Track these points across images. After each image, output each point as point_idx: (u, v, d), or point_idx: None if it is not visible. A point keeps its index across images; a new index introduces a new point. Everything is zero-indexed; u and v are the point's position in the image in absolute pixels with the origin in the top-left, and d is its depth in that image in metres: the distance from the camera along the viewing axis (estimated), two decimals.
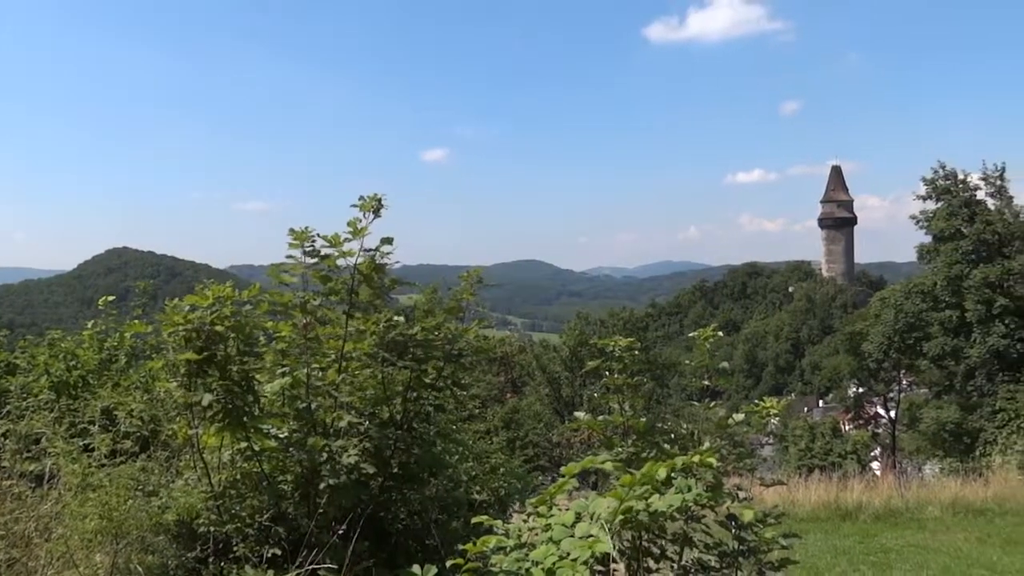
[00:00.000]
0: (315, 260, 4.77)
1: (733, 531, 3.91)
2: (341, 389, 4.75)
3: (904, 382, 43.88)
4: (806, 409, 77.21)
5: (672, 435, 4.60)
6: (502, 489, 6.56)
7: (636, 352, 4.79)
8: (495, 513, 5.73)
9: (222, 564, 4.20)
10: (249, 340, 4.49)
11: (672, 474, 3.00)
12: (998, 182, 33.37)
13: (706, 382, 5.06)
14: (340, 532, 4.22)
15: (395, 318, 4.70)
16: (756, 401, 4.72)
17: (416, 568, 3.14)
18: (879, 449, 43.09)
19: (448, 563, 3.15)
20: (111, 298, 8.15)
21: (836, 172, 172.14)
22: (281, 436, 4.61)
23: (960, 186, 33.83)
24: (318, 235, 4.74)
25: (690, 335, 5.01)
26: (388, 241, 4.81)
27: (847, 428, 48.46)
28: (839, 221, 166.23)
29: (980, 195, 33.68)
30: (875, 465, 38.34)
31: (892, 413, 44.46)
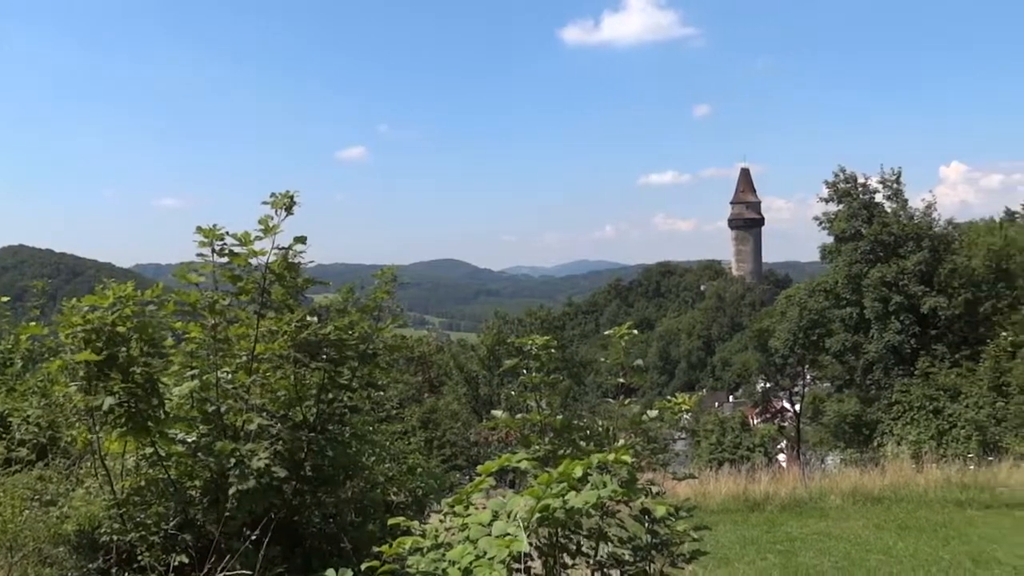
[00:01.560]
0: (225, 259, 4.63)
1: (647, 525, 3.98)
2: (252, 391, 4.63)
3: (808, 377, 45.52)
4: (717, 404, 79.38)
5: (588, 432, 4.66)
6: (419, 489, 6.52)
7: (553, 350, 4.83)
8: (413, 514, 5.69)
9: (126, 574, 4.03)
10: (154, 341, 4.33)
11: (588, 471, 3.03)
12: (894, 186, 35.05)
13: (621, 379, 5.13)
14: (251, 538, 4.11)
15: (308, 318, 4.61)
16: (669, 397, 4.82)
17: (331, 572, 3.08)
18: (785, 442, 44.71)
19: (364, 566, 3.10)
20: (5, 299, 7.81)
21: (745, 174, 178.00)
22: (189, 440, 4.46)
23: (860, 189, 35.35)
24: (228, 233, 4.61)
25: (606, 333, 5.08)
26: (301, 240, 4.72)
27: (755, 422, 50.02)
28: (748, 222, 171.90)
29: (878, 198, 35.29)
30: (781, 457, 39.81)
31: (797, 407, 46.15)
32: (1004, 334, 28.87)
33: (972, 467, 15.21)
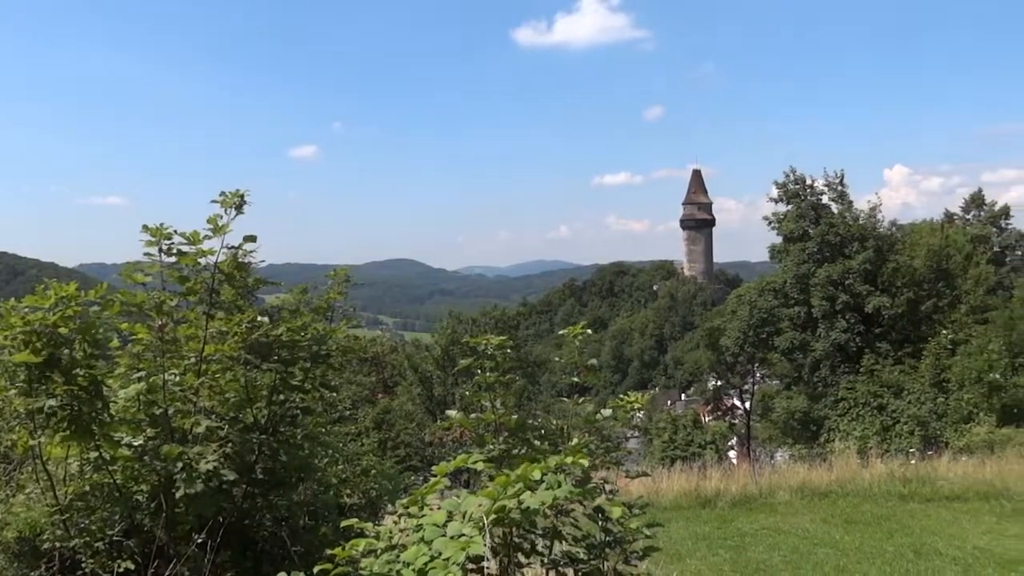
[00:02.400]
0: (173, 258, 4.54)
1: (600, 523, 4.01)
2: (201, 393, 4.54)
3: (758, 375, 46.36)
4: (669, 402, 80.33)
5: (542, 431, 4.67)
6: (373, 491, 6.48)
7: (508, 350, 4.83)
8: (366, 516, 5.65)
9: None
10: (98, 342, 4.21)
11: (544, 472, 3.04)
12: (839, 187, 35.89)
13: (575, 378, 5.15)
14: (199, 542, 4.03)
15: (259, 318, 4.54)
16: (622, 396, 4.85)
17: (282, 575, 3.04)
18: (736, 439, 45.49)
19: (316, 569, 3.06)
20: None
21: (696, 176, 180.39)
22: (135, 444, 4.36)
23: (807, 190, 36.12)
24: (176, 232, 4.52)
25: (560, 333, 5.08)
26: (251, 239, 4.65)
27: (707, 420, 50.73)
28: (699, 222, 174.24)
29: (825, 199, 36.08)
30: (732, 454, 40.50)
31: (747, 404, 46.96)
32: (944, 332, 29.79)
33: (914, 461, 15.65)
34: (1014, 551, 9.85)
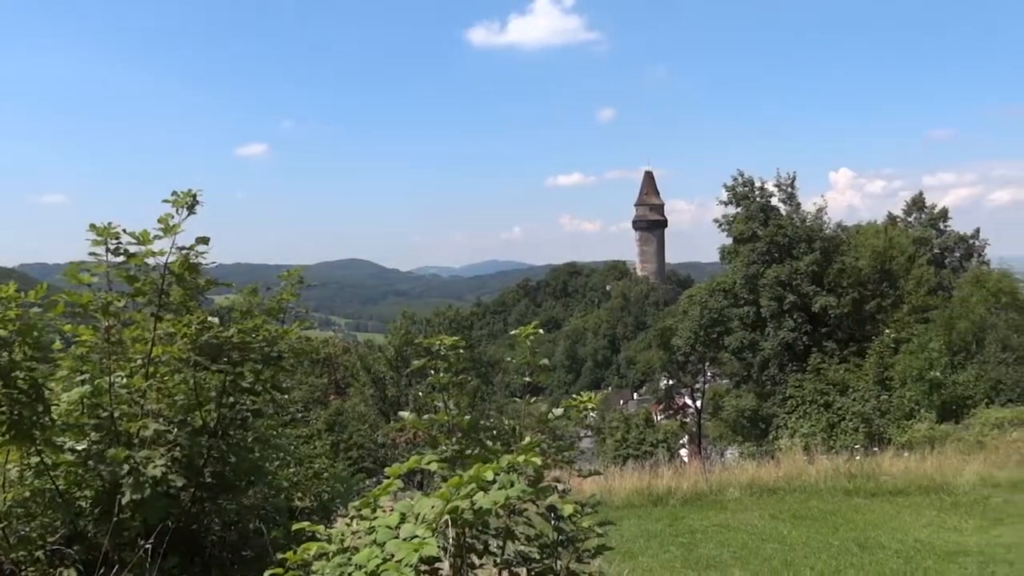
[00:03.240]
0: (121, 258, 4.44)
1: (553, 522, 4.04)
2: (148, 396, 4.45)
3: (709, 374, 46.96)
4: (622, 402, 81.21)
5: (495, 431, 4.68)
6: (325, 494, 6.42)
7: (461, 350, 4.83)
8: (319, 519, 5.60)
9: None
10: (39, 345, 4.10)
11: (497, 473, 3.05)
12: (789, 189, 36.62)
13: (528, 378, 5.18)
14: (145, 549, 3.95)
15: (209, 319, 4.47)
16: (575, 396, 4.89)
17: None
18: (687, 437, 46.07)
19: (267, 573, 3.03)
20: None
21: (648, 177, 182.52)
22: (79, 448, 4.25)
23: (757, 192, 36.76)
24: (124, 231, 4.42)
25: (513, 333, 5.10)
26: (204, 240, 4.57)
27: (659, 418, 51.32)
28: (651, 223, 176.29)
29: (774, 201, 36.77)
30: (683, 452, 41.01)
31: (698, 403, 47.56)
32: (888, 331, 30.60)
33: (858, 457, 16.03)
34: (953, 543, 10.18)
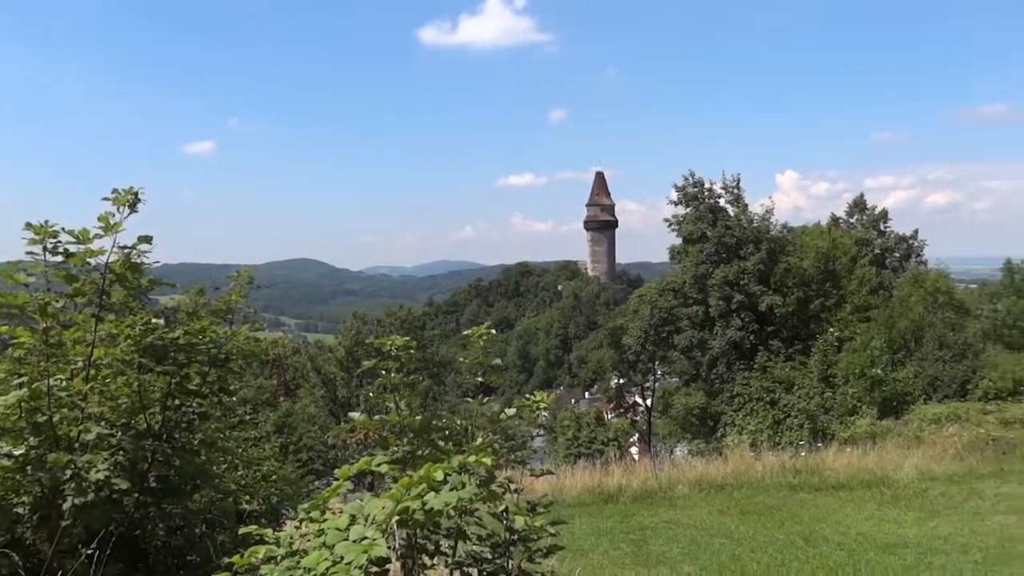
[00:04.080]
0: (59, 258, 4.32)
1: (505, 522, 4.05)
2: (89, 399, 4.34)
3: (659, 372, 47.51)
4: (573, 401, 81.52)
5: (447, 432, 4.67)
6: (274, 496, 6.35)
7: (412, 351, 4.81)
8: (267, 522, 5.52)
9: None
10: None
11: (448, 473, 3.04)
12: (735, 190, 37.26)
13: (480, 378, 5.17)
14: (87, 555, 3.85)
15: (154, 320, 4.37)
16: (527, 395, 4.90)
17: None
18: (637, 435, 46.58)
19: None
20: None
21: (599, 178, 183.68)
22: (16, 454, 4.12)
23: (706, 193, 37.30)
24: (63, 230, 4.30)
25: (466, 333, 5.09)
26: (147, 239, 4.47)
27: (610, 417, 51.75)
28: (602, 224, 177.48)
29: (722, 202, 37.35)
30: (634, 450, 41.45)
31: (648, 401, 48.08)
32: (831, 330, 31.34)
33: (803, 453, 16.38)
34: (893, 535, 10.48)
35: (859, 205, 46.39)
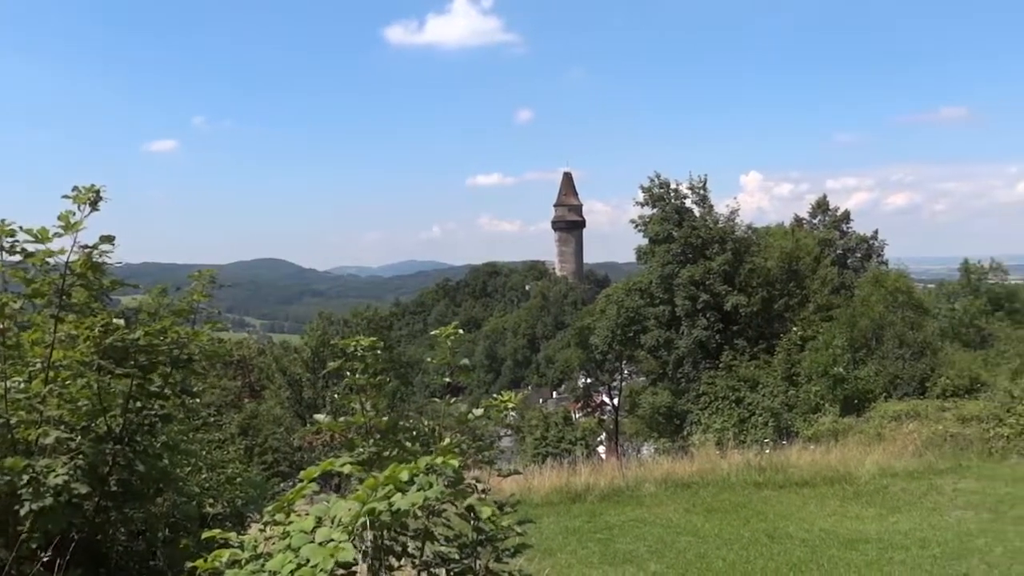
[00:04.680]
0: (17, 257, 4.23)
1: (472, 522, 4.04)
2: (48, 402, 4.25)
3: (626, 372, 47.76)
4: (541, 400, 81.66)
5: (414, 432, 4.66)
6: (239, 499, 6.27)
7: (379, 351, 4.78)
8: (231, 526, 5.46)
9: None
10: None
11: (415, 474, 3.03)
12: (701, 191, 37.62)
13: (448, 379, 5.16)
14: (45, 561, 3.77)
15: (115, 321, 4.30)
16: (495, 395, 4.90)
17: None
18: (605, 434, 46.78)
19: None
20: None
21: (567, 178, 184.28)
22: None
23: (672, 194, 37.60)
24: (21, 228, 4.21)
25: (433, 333, 5.07)
26: (108, 239, 4.40)
27: (577, 416, 51.90)
28: (570, 224, 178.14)
29: (688, 203, 37.69)
30: (601, 449, 41.67)
31: (615, 400, 48.33)
32: (795, 329, 31.78)
33: (768, 451, 16.57)
34: (854, 531, 10.67)
35: (822, 206, 47.13)
